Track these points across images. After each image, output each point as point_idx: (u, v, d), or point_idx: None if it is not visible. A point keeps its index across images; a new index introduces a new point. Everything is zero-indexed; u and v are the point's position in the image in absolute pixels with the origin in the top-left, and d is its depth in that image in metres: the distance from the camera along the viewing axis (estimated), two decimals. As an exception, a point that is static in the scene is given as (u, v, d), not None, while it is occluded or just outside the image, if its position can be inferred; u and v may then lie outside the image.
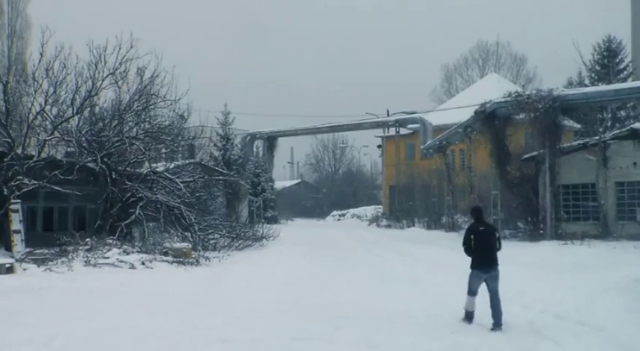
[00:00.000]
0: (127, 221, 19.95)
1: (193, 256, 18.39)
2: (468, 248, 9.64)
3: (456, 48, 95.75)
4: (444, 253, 21.75)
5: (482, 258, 9.48)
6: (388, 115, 53.43)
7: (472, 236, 9.63)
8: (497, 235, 9.78)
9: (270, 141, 54.62)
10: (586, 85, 40.09)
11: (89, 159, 20.30)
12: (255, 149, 53.73)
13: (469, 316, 9.58)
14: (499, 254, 9.48)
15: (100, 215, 20.28)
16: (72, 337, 8.39)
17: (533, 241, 24.56)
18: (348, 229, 42.84)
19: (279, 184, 62.82)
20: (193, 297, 12.13)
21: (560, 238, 24.37)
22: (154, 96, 21.89)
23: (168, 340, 8.26)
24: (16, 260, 15.60)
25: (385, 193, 53.99)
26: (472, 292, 9.55)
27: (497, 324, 9.15)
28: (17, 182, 17.95)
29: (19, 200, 17.93)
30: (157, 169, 22.44)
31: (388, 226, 42.43)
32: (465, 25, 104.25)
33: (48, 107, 20.20)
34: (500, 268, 9.49)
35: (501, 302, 9.27)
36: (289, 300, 11.67)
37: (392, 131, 51.58)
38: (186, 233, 21.11)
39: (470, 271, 9.59)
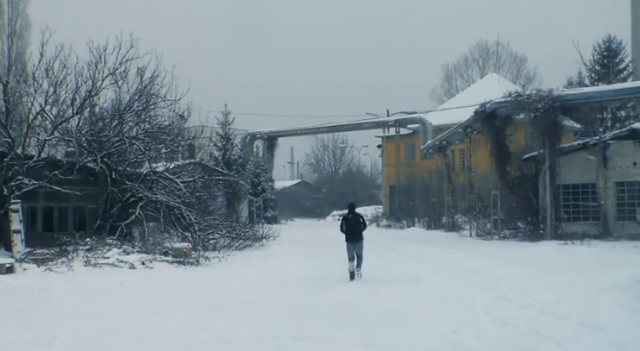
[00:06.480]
0: (127, 221, 19.96)
1: (193, 256, 18.39)
2: (341, 229, 14.90)
3: (456, 48, 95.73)
4: (444, 253, 21.78)
5: (351, 235, 14.71)
6: (388, 115, 53.38)
7: (344, 221, 14.86)
8: (362, 220, 15.05)
9: (270, 141, 54.58)
10: (586, 85, 40.12)
11: (89, 159, 20.29)
12: (255, 149, 53.72)
13: (351, 275, 14.44)
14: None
15: (100, 215, 20.28)
16: (72, 337, 8.39)
17: (533, 241, 24.54)
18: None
19: (279, 184, 62.79)
20: (193, 297, 12.12)
21: (560, 238, 24.35)
22: (154, 96, 21.90)
23: (167, 340, 8.26)
24: (16, 260, 15.60)
25: (385, 193, 53.98)
26: (349, 258, 14.57)
27: (358, 275, 14.58)
28: (17, 182, 17.95)
29: (19, 200, 17.92)
30: (157, 169, 22.42)
31: (388, 226, 42.42)
32: (465, 25, 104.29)
33: (48, 107, 20.25)
34: (364, 241, 14.89)
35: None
36: (289, 300, 11.66)
37: (392, 131, 51.53)
38: (186, 233, 21.11)
39: (345, 244, 14.67)
